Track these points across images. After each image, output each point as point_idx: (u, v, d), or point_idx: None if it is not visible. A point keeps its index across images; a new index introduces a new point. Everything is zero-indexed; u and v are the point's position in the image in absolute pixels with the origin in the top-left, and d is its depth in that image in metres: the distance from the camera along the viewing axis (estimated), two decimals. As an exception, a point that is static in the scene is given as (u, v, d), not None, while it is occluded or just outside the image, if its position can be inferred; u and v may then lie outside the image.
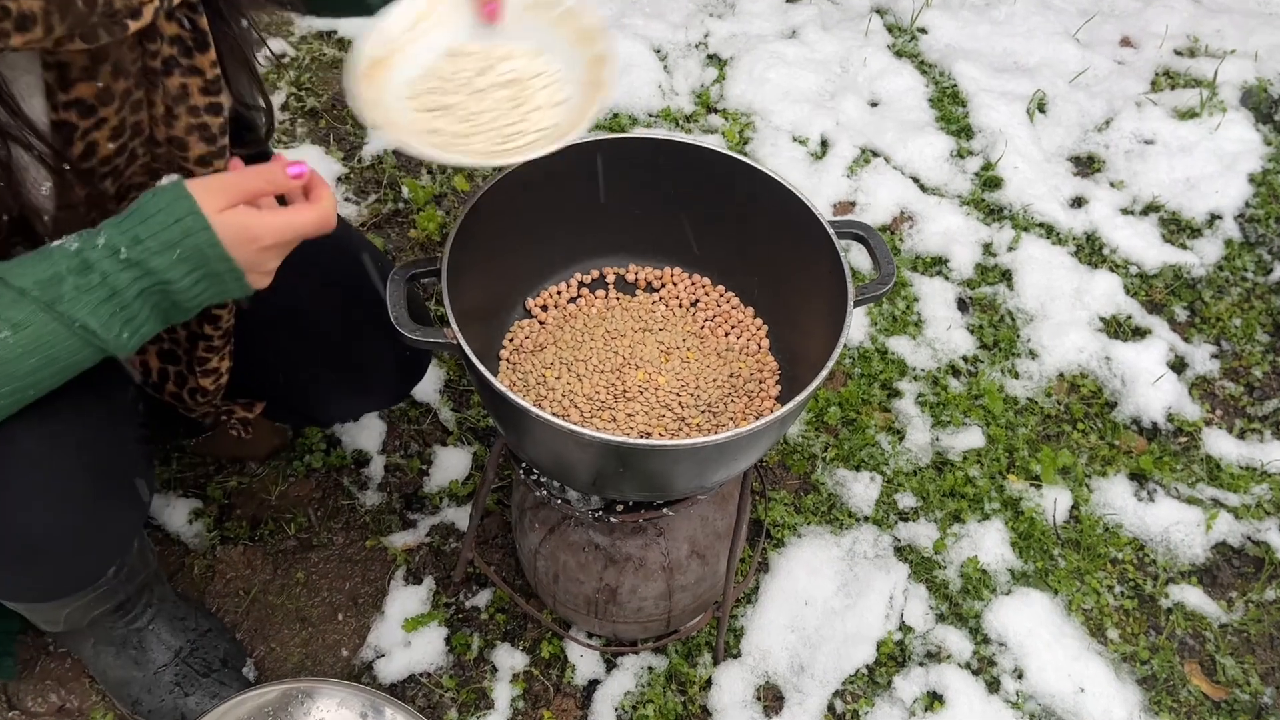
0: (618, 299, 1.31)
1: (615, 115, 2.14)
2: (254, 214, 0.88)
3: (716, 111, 2.19)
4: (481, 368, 1.01)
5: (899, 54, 2.32)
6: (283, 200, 0.94)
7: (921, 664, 1.48)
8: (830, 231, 1.14)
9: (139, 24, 0.84)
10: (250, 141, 1.13)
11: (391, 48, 1.05)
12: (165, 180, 0.87)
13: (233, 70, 1.00)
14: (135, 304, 0.85)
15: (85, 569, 1.10)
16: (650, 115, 2.15)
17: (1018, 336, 1.85)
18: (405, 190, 1.97)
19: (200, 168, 0.99)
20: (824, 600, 1.52)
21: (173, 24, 0.89)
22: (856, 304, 1.09)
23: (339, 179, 1.99)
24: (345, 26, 2.27)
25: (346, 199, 1.97)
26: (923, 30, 2.38)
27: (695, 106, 2.19)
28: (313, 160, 1.99)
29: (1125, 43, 2.39)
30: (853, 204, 2.02)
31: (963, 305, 1.89)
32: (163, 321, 0.90)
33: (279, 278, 1.19)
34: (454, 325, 1.03)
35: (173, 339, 1.15)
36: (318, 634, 1.48)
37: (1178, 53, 2.37)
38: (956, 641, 1.49)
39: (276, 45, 2.20)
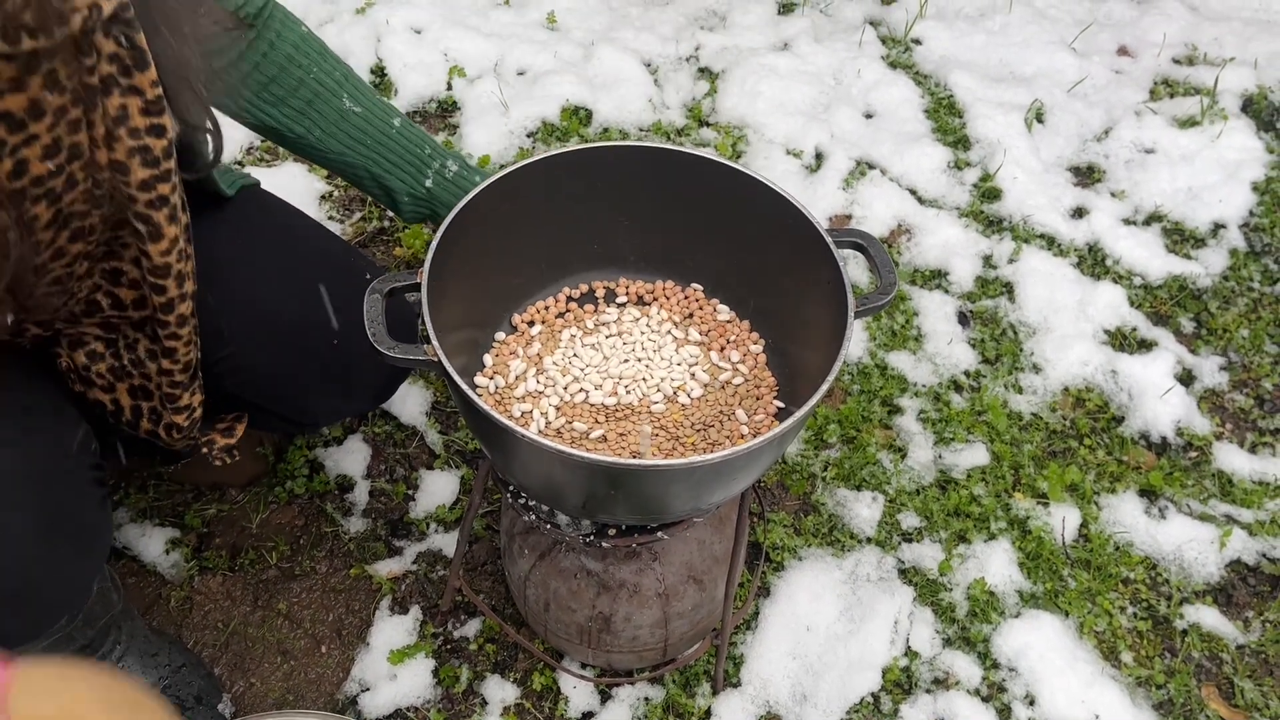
0: (607, 313, 1.26)
1: (605, 130, 2.10)
2: None
3: (708, 125, 2.15)
4: (464, 386, 0.95)
5: (893, 65, 2.28)
6: None
7: (929, 691, 1.42)
8: (828, 240, 1.09)
9: (68, 30, 0.79)
10: (199, 167, 1.07)
11: None
12: None
13: (175, 90, 0.94)
14: None
15: (31, 622, 1.03)
16: (641, 129, 2.11)
17: (1020, 350, 1.80)
18: (391, 208, 1.92)
19: (143, 193, 0.93)
20: (826, 626, 1.46)
21: (110, 41, 0.84)
22: (857, 315, 1.05)
23: (322, 197, 1.94)
24: (329, 44, 2.23)
25: (330, 218, 1.92)
26: (917, 41, 2.34)
27: (687, 120, 2.15)
28: (294, 177, 1.95)
29: (1123, 52, 2.36)
30: (849, 217, 1.98)
31: (963, 319, 1.85)
32: None
33: (260, 281, 1.15)
34: (435, 342, 0.98)
35: (143, 374, 1.10)
36: (300, 667, 1.42)
37: (1176, 61, 2.33)
38: (965, 667, 1.44)
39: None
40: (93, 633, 1.22)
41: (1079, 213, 2.02)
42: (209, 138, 1.04)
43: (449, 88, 2.15)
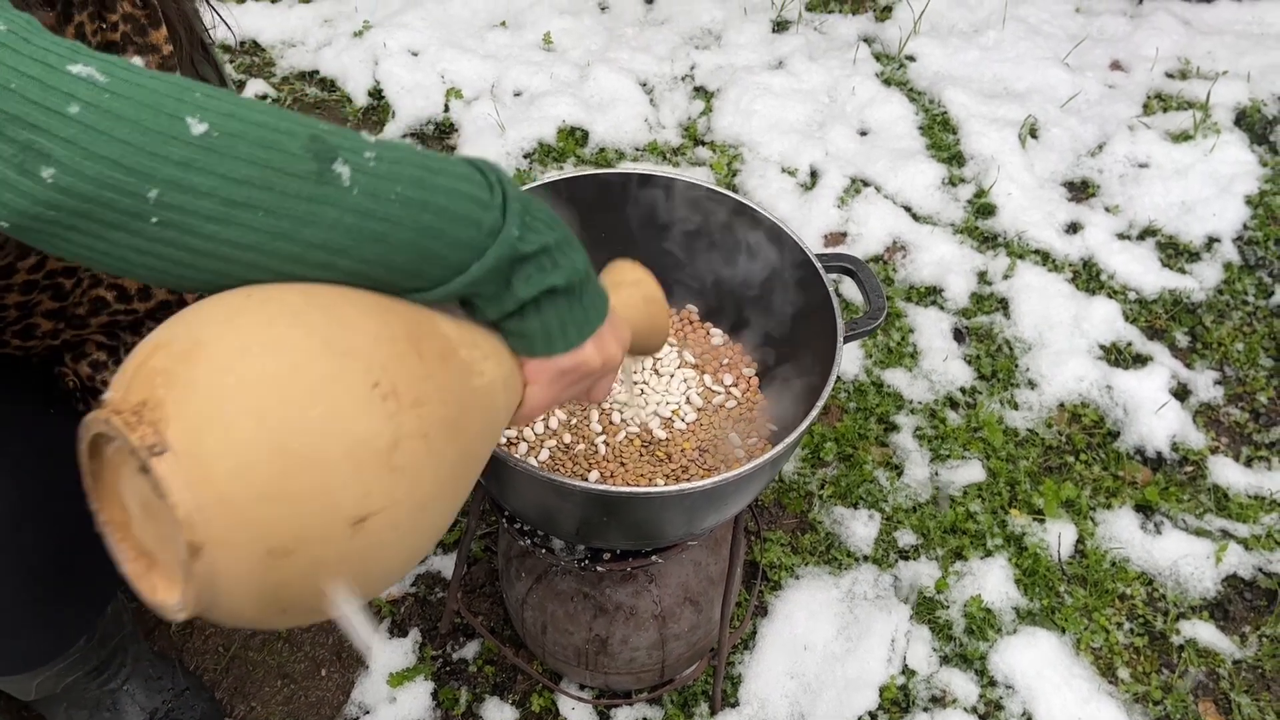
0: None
1: (602, 150, 2.11)
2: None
3: (704, 144, 2.16)
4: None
5: (887, 82, 2.29)
6: None
7: (926, 709, 1.43)
8: (818, 265, 1.10)
9: None
10: None
11: None
12: None
13: (188, 48, 0.99)
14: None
15: (51, 644, 1.05)
16: (637, 149, 2.12)
17: (1016, 366, 1.81)
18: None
19: None
20: (824, 644, 1.47)
21: (126, 2, 0.89)
22: (847, 339, 1.06)
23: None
24: (327, 67, 2.25)
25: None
26: (911, 58, 2.36)
27: (682, 139, 2.16)
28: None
29: (1115, 66, 2.37)
30: (844, 234, 1.99)
31: (959, 335, 1.86)
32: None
33: None
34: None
35: None
36: (300, 691, 1.43)
37: (1169, 75, 2.35)
38: (962, 684, 1.44)
39: (257, 86, 2.17)
40: (105, 653, 1.24)
41: (1073, 228, 2.03)
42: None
43: (446, 109, 2.17)
